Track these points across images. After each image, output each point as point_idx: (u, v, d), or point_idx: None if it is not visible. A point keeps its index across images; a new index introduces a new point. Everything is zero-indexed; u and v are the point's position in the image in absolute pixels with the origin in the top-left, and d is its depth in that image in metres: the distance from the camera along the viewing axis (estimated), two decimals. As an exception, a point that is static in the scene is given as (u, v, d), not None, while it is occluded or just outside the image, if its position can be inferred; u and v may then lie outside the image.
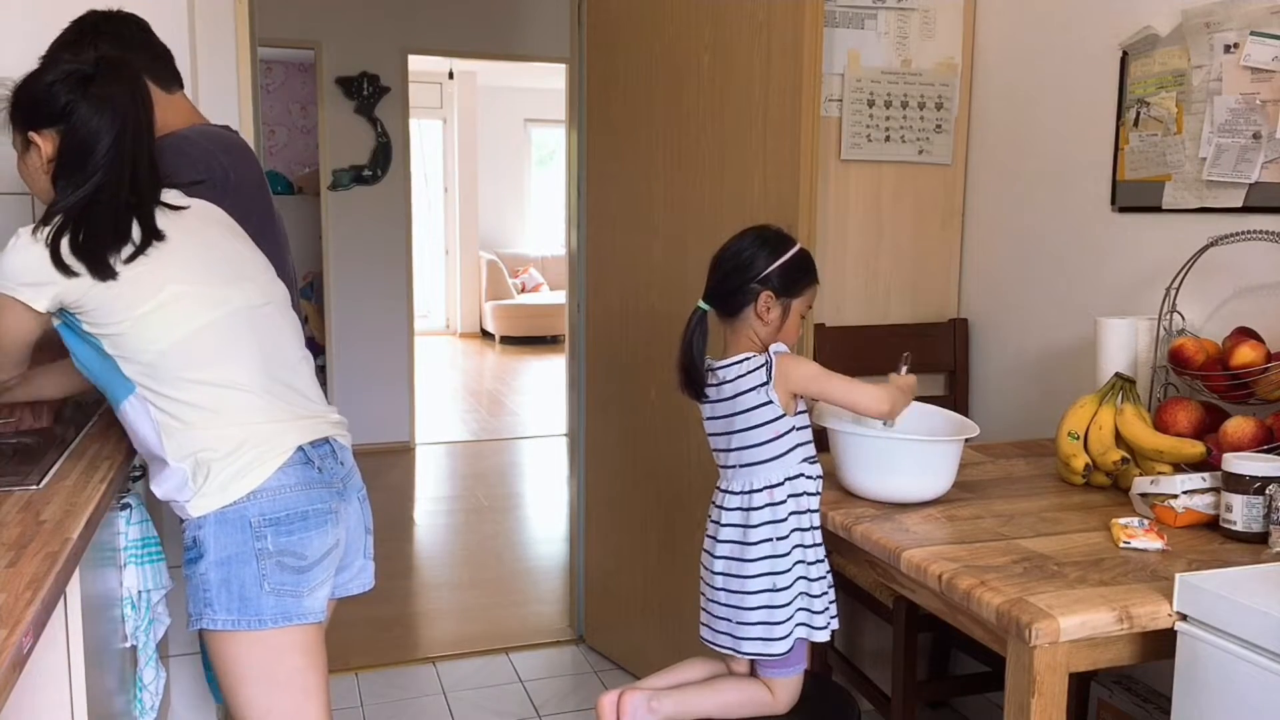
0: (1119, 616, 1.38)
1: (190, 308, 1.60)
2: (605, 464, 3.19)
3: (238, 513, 1.57)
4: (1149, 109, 2.23)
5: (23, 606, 1.14)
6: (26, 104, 1.63)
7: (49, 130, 1.61)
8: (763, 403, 1.72)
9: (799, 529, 1.75)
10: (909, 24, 2.66)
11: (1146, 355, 2.08)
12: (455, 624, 3.57)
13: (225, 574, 1.57)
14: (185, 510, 1.59)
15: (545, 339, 10.02)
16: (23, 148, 1.67)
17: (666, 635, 2.93)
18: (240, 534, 1.57)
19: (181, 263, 1.62)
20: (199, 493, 1.57)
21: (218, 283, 1.64)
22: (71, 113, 1.59)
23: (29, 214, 2.36)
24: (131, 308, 1.56)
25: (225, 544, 1.57)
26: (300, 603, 1.61)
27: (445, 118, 10.47)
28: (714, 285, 1.78)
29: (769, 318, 1.74)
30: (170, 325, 1.57)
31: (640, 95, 2.90)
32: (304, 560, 1.61)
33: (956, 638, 2.54)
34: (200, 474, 1.57)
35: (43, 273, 1.53)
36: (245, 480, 1.57)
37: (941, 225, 2.79)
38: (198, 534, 1.58)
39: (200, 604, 1.58)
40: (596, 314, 3.18)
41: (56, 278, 1.53)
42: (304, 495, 1.61)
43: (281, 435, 1.61)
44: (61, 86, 1.60)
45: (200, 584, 1.58)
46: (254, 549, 1.57)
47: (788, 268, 1.75)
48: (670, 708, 1.80)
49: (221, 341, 1.61)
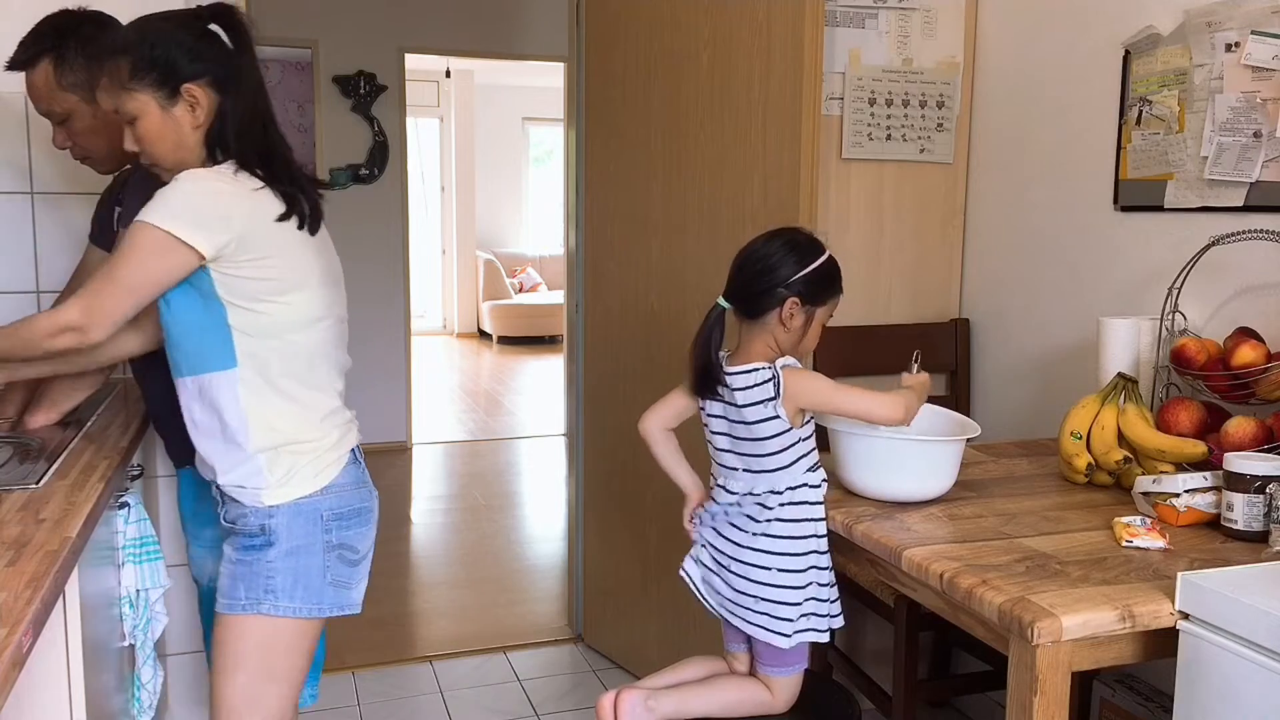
0: (1121, 615, 1.38)
1: (316, 305, 1.65)
2: (603, 463, 3.18)
3: (312, 506, 1.64)
4: (1151, 107, 2.23)
5: (22, 605, 1.13)
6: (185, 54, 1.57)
7: (207, 88, 1.58)
8: (770, 416, 1.71)
9: (815, 535, 1.75)
10: (910, 23, 2.66)
11: (1149, 355, 2.08)
12: (453, 623, 3.56)
13: (294, 563, 1.63)
14: (257, 498, 1.62)
15: (543, 339, 10.02)
16: (166, 101, 1.58)
17: (665, 634, 2.93)
18: (312, 526, 1.64)
19: (316, 256, 1.66)
20: (277, 483, 1.61)
21: (330, 285, 1.69)
22: (242, 69, 1.61)
23: (29, 214, 2.35)
24: (280, 279, 1.59)
25: (297, 534, 1.63)
26: (349, 594, 1.71)
27: (442, 116, 10.47)
28: (738, 285, 1.74)
29: (792, 325, 1.71)
30: (299, 315, 1.62)
31: (639, 93, 2.89)
32: (357, 554, 1.71)
33: (958, 637, 2.54)
34: (279, 466, 1.61)
35: (224, 208, 1.53)
36: (322, 476, 1.65)
37: (943, 224, 2.78)
38: (268, 522, 1.62)
39: (260, 590, 1.63)
40: (595, 314, 3.18)
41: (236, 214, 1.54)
42: (357, 494, 1.71)
43: (344, 437, 1.71)
44: (214, 45, 1.59)
45: (265, 570, 1.62)
46: (322, 541, 1.65)
47: (818, 275, 1.71)
48: (669, 707, 1.80)
49: (324, 344, 1.67)
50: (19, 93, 2.02)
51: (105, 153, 1.92)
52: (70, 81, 1.84)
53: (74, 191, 2.36)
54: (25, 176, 2.35)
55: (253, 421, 1.60)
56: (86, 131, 1.89)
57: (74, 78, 1.84)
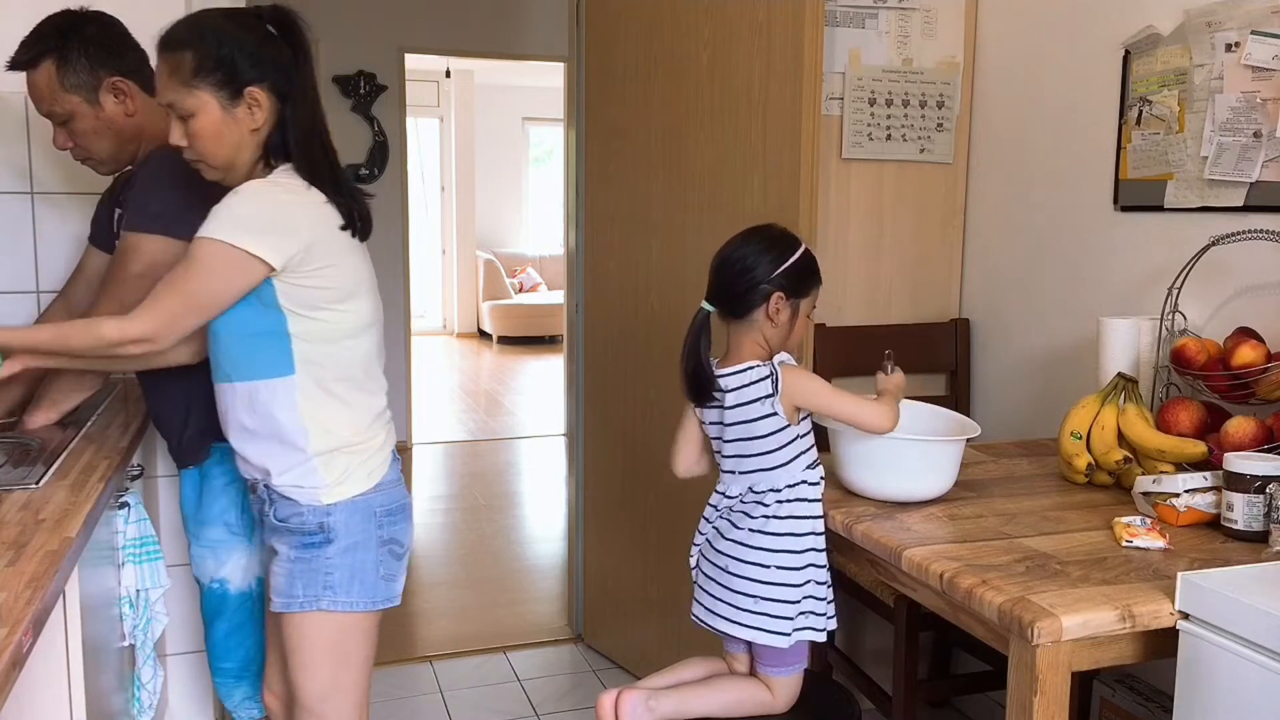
0: (1121, 615, 1.38)
1: (367, 311, 1.69)
2: (604, 463, 3.18)
3: (366, 503, 1.68)
4: (1151, 107, 2.23)
5: (22, 605, 1.13)
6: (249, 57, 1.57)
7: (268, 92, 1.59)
8: (767, 414, 1.71)
9: (814, 532, 1.75)
10: (910, 23, 2.66)
11: (1149, 355, 2.08)
12: (453, 623, 3.56)
13: (352, 559, 1.67)
14: (315, 497, 1.65)
15: (543, 339, 10.01)
16: (227, 102, 1.58)
17: (665, 634, 2.93)
18: (367, 522, 1.68)
19: (364, 263, 1.69)
20: (334, 482, 1.65)
21: (376, 291, 1.73)
22: (302, 77, 1.62)
23: (29, 214, 2.35)
24: (340, 287, 1.62)
25: (354, 531, 1.67)
26: (394, 587, 1.75)
27: (442, 116, 10.46)
28: (721, 287, 1.76)
29: (779, 319, 1.73)
30: (355, 321, 1.66)
31: (639, 93, 2.89)
32: (402, 548, 1.76)
33: (958, 637, 2.54)
34: (336, 466, 1.65)
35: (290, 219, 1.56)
36: (374, 475, 1.70)
37: (943, 224, 2.78)
38: (325, 520, 1.65)
39: (319, 586, 1.66)
40: (595, 314, 3.18)
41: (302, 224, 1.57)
42: (399, 490, 1.76)
43: (389, 436, 1.76)
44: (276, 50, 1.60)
45: (324, 567, 1.66)
46: (376, 537, 1.70)
47: (797, 268, 1.74)
48: (669, 707, 1.80)
49: (372, 348, 1.72)
50: (19, 93, 2.02)
51: (106, 154, 1.92)
52: (73, 82, 1.84)
53: (74, 192, 2.36)
54: (25, 177, 2.35)
55: (311, 426, 1.63)
56: (88, 132, 1.88)
57: (76, 79, 1.84)
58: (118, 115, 1.88)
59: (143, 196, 1.82)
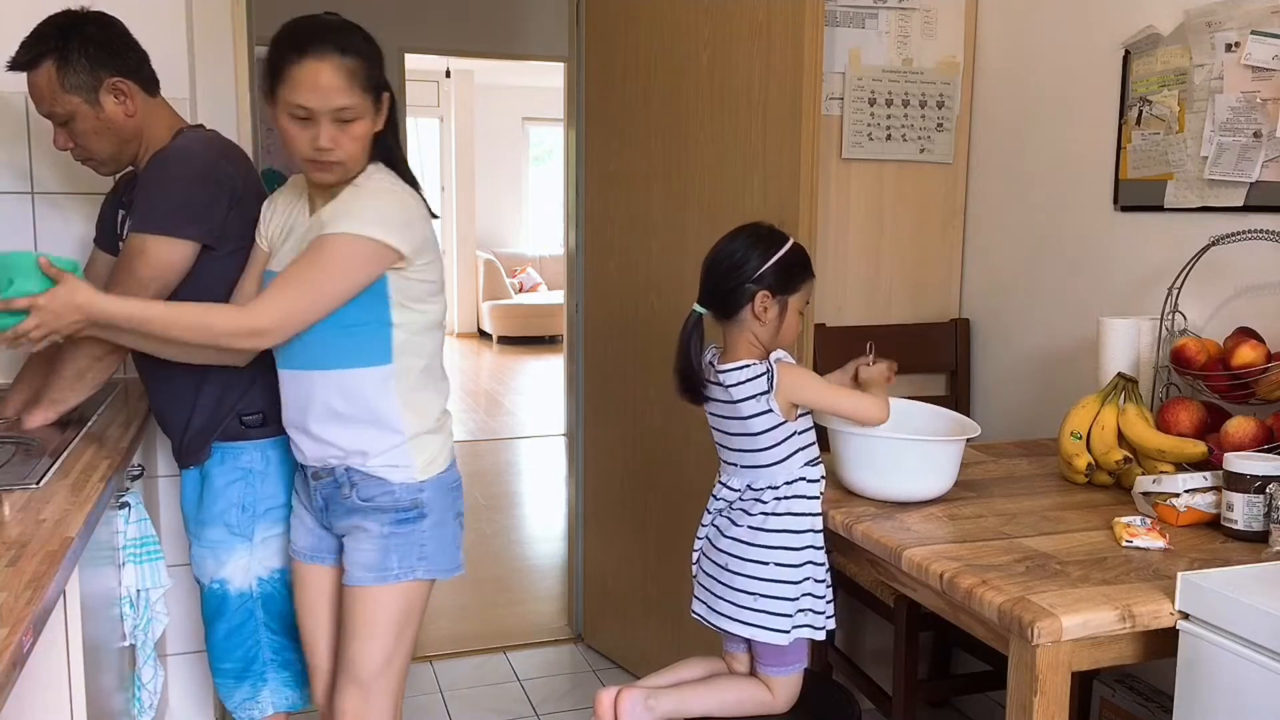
0: (1121, 615, 1.38)
1: (444, 305, 1.80)
2: (604, 463, 3.18)
3: (448, 479, 1.82)
4: (1151, 107, 2.23)
5: (23, 605, 1.13)
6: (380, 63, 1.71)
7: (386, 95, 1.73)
8: (763, 411, 1.72)
9: (812, 530, 1.76)
10: (910, 23, 2.66)
11: (1149, 355, 2.08)
12: (452, 622, 3.56)
13: (440, 532, 1.80)
14: (410, 475, 1.75)
15: (543, 339, 10.02)
16: (375, 106, 1.70)
17: (665, 634, 2.93)
18: (448, 496, 1.82)
19: None
20: (426, 462, 1.76)
21: None
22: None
23: (29, 214, 2.35)
24: (437, 280, 1.74)
25: (442, 505, 1.80)
26: (460, 555, 1.87)
27: (442, 116, 10.46)
28: (709, 288, 1.77)
29: (767, 317, 1.73)
30: (440, 313, 1.78)
31: (639, 93, 2.89)
32: (462, 519, 1.87)
33: (958, 637, 2.54)
34: (424, 445, 1.76)
35: (409, 214, 1.68)
36: (450, 451, 1.83)
37: (943, 224, 2.78)
38: (419, 496, 1.76)
39: (414, 558, 1.77)
40: (595, 314, 3.18)
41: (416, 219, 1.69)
42: (457, 466, 1.87)
43: (451, 420, 1.88)
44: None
45: (419, 540, 1.77)
46: (454, 508, 1.84)
47: (783, 264, 1.73)
48: (668, 706, 1.80)
49: (442, 332, 1.82)
50: (19, 92, 2.02)
51: (107, 154, 1.92)
52: (73, 83, 1.83)
53: (74, 192, 2.36)
54: (25, 177, 2.35)
55: (407, 410, 1.74)
56: (89, 133, 1.88)
57: (77, 79, 1.83)
58: (118, 116, 1.88)
59: (149, 197, 1.83)
